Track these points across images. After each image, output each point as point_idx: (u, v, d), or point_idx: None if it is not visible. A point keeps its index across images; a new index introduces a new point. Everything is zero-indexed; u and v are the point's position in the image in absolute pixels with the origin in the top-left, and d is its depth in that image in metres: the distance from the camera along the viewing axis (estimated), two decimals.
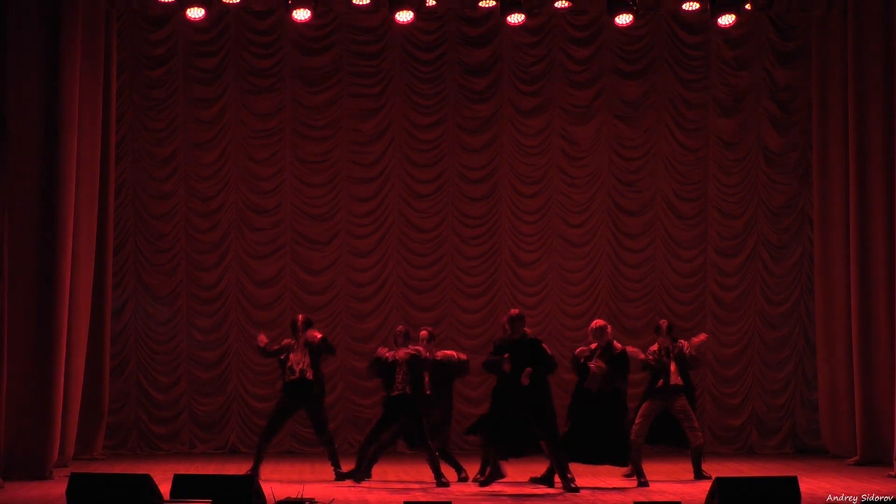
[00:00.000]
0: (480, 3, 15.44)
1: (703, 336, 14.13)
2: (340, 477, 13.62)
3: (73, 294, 14.52)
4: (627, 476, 13.73)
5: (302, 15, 14.62)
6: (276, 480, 13.34)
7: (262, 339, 14.03)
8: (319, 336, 13.77)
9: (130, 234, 16.69)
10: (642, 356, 13.74)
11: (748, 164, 17.27)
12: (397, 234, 17.04)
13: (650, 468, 13.98)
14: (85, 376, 15.13)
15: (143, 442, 16.59)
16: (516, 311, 13.06)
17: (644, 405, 13.73)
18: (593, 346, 13.40)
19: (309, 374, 13.75)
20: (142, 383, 16.63)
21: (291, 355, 13.81)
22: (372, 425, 13.60)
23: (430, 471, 13.27)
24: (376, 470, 13.83)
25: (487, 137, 17.15)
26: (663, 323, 14.09)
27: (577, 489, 12.67)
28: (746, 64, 17.23)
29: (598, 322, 13.56)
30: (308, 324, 13.92)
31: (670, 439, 13.96)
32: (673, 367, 13.72)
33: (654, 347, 13.88)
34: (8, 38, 13.88)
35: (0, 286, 13.55)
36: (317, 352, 13.77)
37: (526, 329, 12.86)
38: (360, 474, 13.35)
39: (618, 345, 13.42)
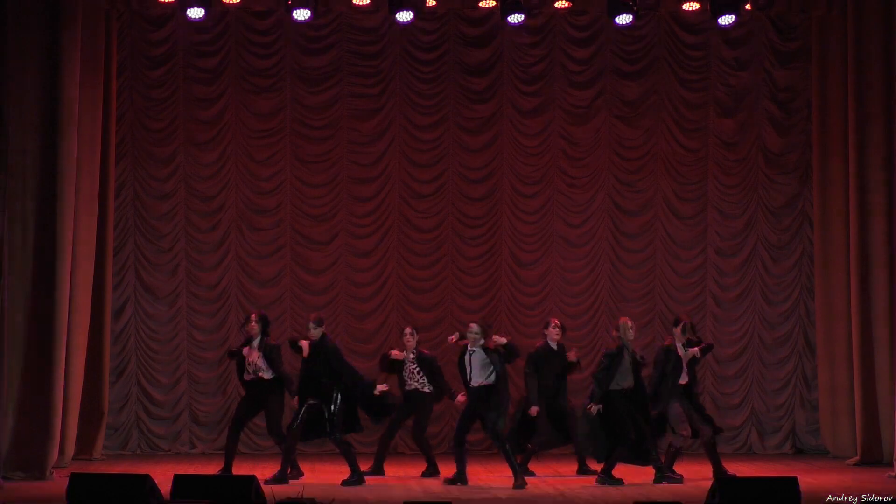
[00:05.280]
0: (480, 3, 15.47)
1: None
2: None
3: (73, 294, 14.51)
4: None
5: (302, 15, 14.63)
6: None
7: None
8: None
9: (130, 234, 16.69)
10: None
11: (748, 164, 17.27)
12: (397, 234, 17.04)
13: (648, 467, 13.99)
14: (85, 376, 15.13)
15: (143, 442, 16.59)
16: (315, 315, 13.65)
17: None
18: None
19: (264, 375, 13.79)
20: (142, 383, 16.64)
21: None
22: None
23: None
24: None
25: (487, 137, 17.15)
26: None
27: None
28: (746, 64, 17.23)
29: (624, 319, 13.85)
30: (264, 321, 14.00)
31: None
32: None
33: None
34: (8, 38, 13.88)
35: (0, 286, 13.55)
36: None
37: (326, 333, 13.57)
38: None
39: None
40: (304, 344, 13.47)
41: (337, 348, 13.64)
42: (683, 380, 13.71)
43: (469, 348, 13.28)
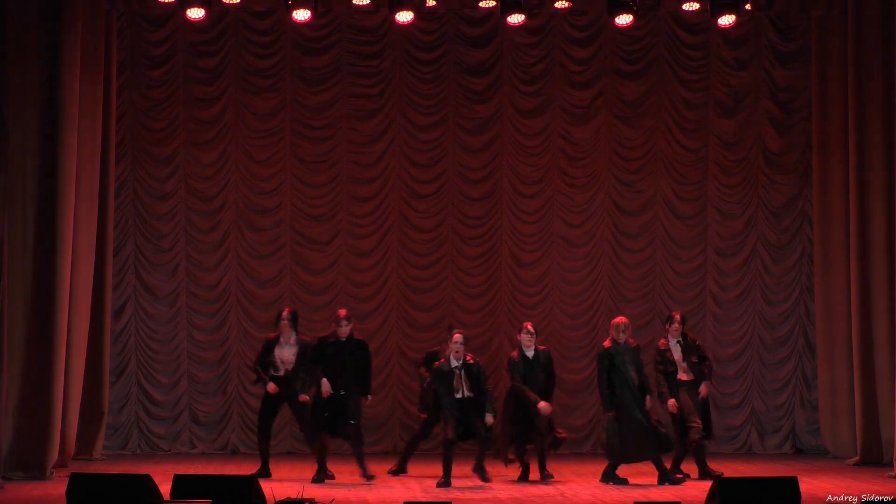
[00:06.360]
0: (480, 3, 15.44)
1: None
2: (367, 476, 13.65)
3: (73, 294, 14.51)
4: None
5: (302, 15, 14.61)
6: (276, 480, 13.37)
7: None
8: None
9: (130, 234, 16.69)
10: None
11: (748, 164, 17.27)
12: (397, 234, 17.04)
13: (645, 467, 13.98)
14: (85, 376, 15.11)
15: (143, 442, 16.59)
16: (343, 311, 13.73)
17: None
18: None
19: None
20: (142, 383, 16.63)
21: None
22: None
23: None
24: (376, 469, 13.91)
25: (487, 137, 17.15)
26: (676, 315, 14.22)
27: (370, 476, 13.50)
28: (746, 64, 17.23)
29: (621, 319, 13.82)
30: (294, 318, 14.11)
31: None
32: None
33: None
34: (8, 38, 13.87)
35: (0, 286, 13.55)
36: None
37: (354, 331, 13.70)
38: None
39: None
40: (325, 383, 13.53)
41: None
42: (687, 376, 13.83)
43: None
